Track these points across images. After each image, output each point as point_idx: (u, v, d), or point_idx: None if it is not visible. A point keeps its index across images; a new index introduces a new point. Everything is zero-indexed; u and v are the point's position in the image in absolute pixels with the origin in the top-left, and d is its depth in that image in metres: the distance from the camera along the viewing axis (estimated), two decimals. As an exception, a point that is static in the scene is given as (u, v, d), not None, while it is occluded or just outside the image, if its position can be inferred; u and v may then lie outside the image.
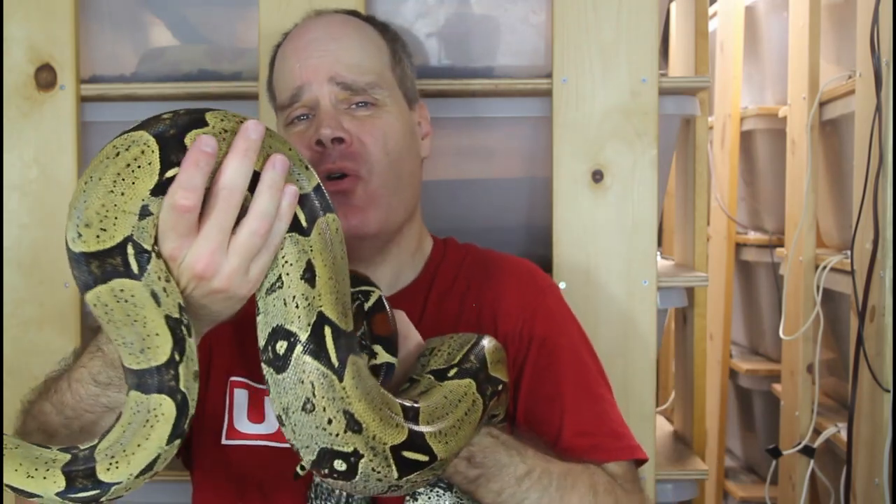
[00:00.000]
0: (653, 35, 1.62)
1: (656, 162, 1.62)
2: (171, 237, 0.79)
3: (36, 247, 1.62)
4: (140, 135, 0.78)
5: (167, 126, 0.78)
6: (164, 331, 0.78)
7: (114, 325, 0.78)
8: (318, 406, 0.82)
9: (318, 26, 1.23)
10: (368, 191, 1.16)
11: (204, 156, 0.77)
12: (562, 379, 1.18)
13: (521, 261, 1.31)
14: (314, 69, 1.18)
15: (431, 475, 0.91)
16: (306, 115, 1.19)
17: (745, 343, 3.26)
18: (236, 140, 0.79)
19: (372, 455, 0.84)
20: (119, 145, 0.78)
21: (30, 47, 1.61)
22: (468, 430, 0.93)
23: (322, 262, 0.82)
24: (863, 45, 2.02)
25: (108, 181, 0.77)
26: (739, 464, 3.27)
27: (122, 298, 0.77)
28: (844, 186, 2.32)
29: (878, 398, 1.99)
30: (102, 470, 0.77)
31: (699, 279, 1.76)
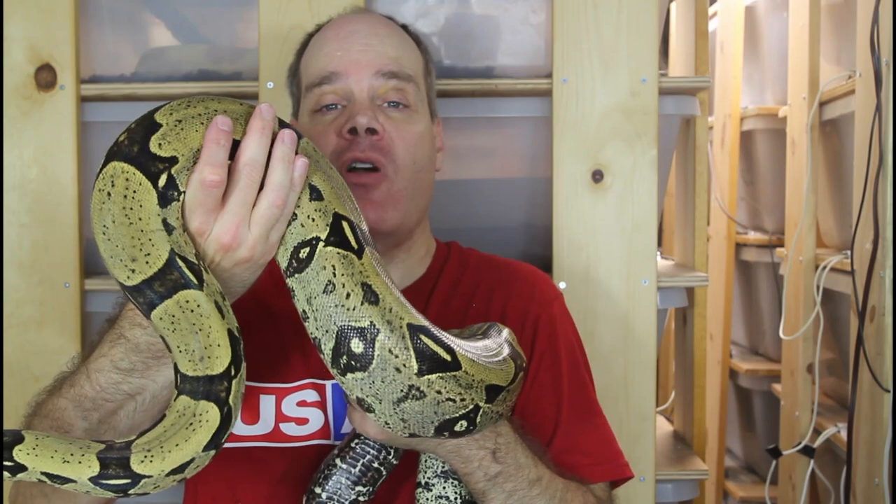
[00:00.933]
0: (653, 35, 1.62)
1: (656, 162, 1.62)
2: (199, 212, 0.84)
3: (36, 247, 1.62)
4: (113, 167, 0.82)
5: (128, 146, 0.83)
6: (226, 343, 0.82)
7: (179, 333, 0.81)
8: (337, 284, 0.85)
9: (361, 20, 1.23)
10: (392, 190, 1.16)
11: (222, 134, 0.83)
12: (560, 394, 1.18)
13: (530, 267, 1.32)
14: (356, 63, 1.17)
15: (452, 393, 0.87)
16: (336, 104, 1.18)
17: (745, 343, 3.26)
18: (252, 120, 0.85)
19: (389, 331, 0.84)
20: (105, 186, 0.82)
21: (30, 47, 1.61)
22: (499, 375, 0.91)
23: (319, 179, 0.88)
24: (863, 45, 2.02)
25: (122, 218, 0.81)
26: (739, 464, 3.27)
27: (187, 308, 0.81)
28: (844, 186, 2.32)
29: (878, 398, 1.99)
30: (136, 461, 0.79)
31: (699, 279, 1.76)
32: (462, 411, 0.89)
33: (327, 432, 1.13)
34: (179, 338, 0.81)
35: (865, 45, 1.99)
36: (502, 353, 0.96)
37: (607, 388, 1.62)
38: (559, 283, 1.62)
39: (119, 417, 0.95)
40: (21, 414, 1.07)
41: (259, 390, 1.15)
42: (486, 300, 1.24)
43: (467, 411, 0.90)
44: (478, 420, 0.92)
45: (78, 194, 1.62)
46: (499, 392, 0.92)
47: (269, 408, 1.15)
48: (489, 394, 0.90)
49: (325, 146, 1.16)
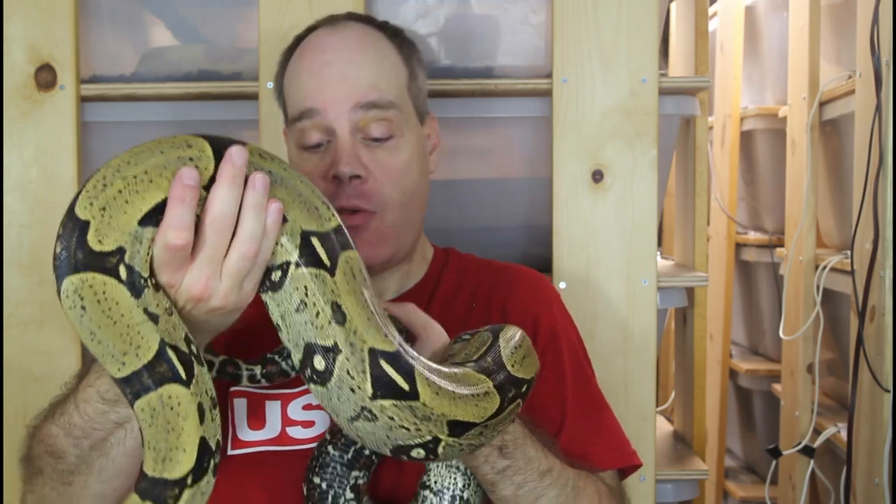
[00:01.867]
0: (653, 35, 1.62)
1: (656, 162, 1.62)
2: (167, 271, 0.81)
3: (36, 247, 1.62)
4: (70, 282, 0.79)
5: (71, 256, 0.79)
6: (193, 450, 0.78)
7: (154, 428, 0.79)
8: (309, 304, 0.84)
9: (333, 45, 1.20)
10: (381, 227, 1.16)
11: (188, 190, 0.78)
12: (565, 388, 1.19)
13: (528, 269, 1.32)
14: (332, 97, 1.16)
15: (406, 421, 0.86)
16: (320, 143, 1.18)
17: (745, 343, 3.26)
18: (222, 167, 0.80)
19: (350, 353, 0.84)
20: (74, 304, 0.80)
21: (30, 47, 1.61)
22: (469, 411, 0.89)
23: (283, 195, 0.85)
24: (863, 45, 2.02)
25: (105, 321, 0.79)
26: (739, 464, 3.27)
27: (167, 405, 0.79)
28: (844, 186, 2.32)
29: (878, 398, 1.99)
30: None
31: (699, 279, 1.76)
32: (417, 440, 0.87)
33: None
34: (153, 433, 0.78)
35: (865, 45, 1.99)
36: (487, 385, 0.92)
37: (607, 388, 1.61)
38: (559, 283, 1.62)
39: (110, 444, 0.95)
40: (21, 414, 1.08)
41: (265, 396, 1.15)
42: (487, 303, 1.24)
43: (424, 441, 0.88)
44: (439, 451, 0.89)
45: (78, 194, 1.61)
46: (468, 427, 0.89)
47: (275, 413, 1.15)
48: (453, 428, 0.88)
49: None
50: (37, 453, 1.00)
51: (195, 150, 0.81)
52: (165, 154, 0.80)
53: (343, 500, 1.04)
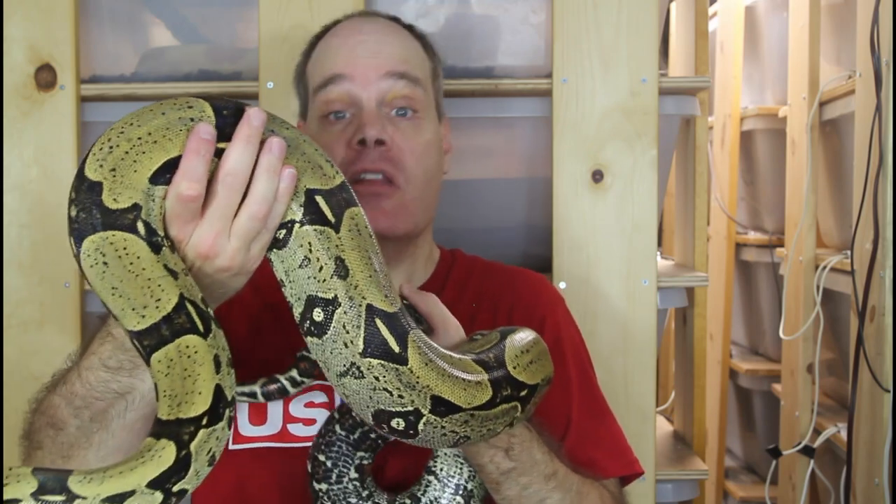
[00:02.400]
0: (653, 35, 1.62)
1: (656, 162, 1.62)
2: (177, 223, 0.82)
3: (36, 247, 1.62)
4: (92, 241, 0.82)
5: (89, 216, 0.83)
6: (208, 394, 0.79)
7: (170, 378, 0.79)
8: (312, 259, 0.85)
9: (367, 27, 1.22)
10: (404, 200, 1.17)
11: (203, 143, 0.80)
12: (570, 393, 1.19)
13: (533, 273, 1.32)
14: (363, 67, 1.17)
15: (390, 385, 0.86)
16: (343, 112, 1.18)
17: (745, 343, 3.26)
18: (239, 127, 0.81)
19: (348, 306, 0.85)
20: (96, 262, 0.81)
21: (30, 47, 1.61)
22: (456, 393, 0.88)
23: (291, 160, 0.86)
24: (863, 45, 2.02)
25: (127, 275, 0.81)
26: (739, 464, 3.27)
27: (185, 354, 0.80)
28: (844, 186, 2.32)
29: (878, 398, 1.99)
30: (75, 481, 0.75)
31: (699, 279, 1.76)
32: (399, 408, 0.87)
33: None
34: (168, 383, 0.79)
35: (865, 45, 1.99)
36: (482, 376, 0.92)
37: (607, 388, 1.61)
38: (559, 283, 1.62)
39: (110, 416, 0.95)
40: (22, 411, 1.08)
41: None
42: (493, 305, 1.24)
43: (405, 410, 0.87)
44: (420, 427, 0.88)
45: (78, 194, 1.61)
46: (453, 409, 0.89)
47: (276, 409, 1.15)
48: (436, 405, 0.88)
49: (334, 157, 1.14)
50: (37, 426, 1.00)
51: (196, 110, 0.82)
52: (167, 115, 0.82)
53: (347, 480, 1.05)
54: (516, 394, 0.94)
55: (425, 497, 1.06)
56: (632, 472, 1.19)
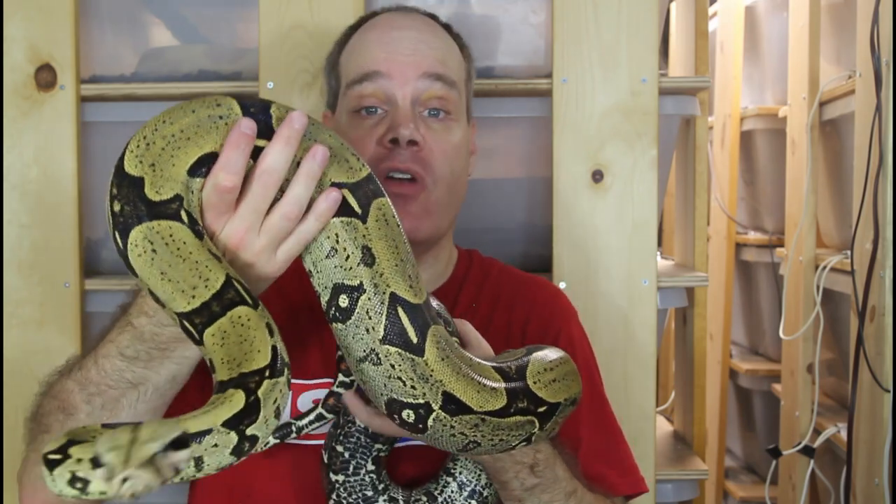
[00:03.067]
0: (653, 35, 1.62)
1: (656, 162, 1.62)
2: (212, 213, 0.84)
3: (36, 247, 1.62)
4: (139, 232, 0.83)
5: (134, 209, 0.83)
6: (266, 353, 0.81)
7: (226, 347, 0.82)
8: (339, 249, 0.87)
9: (406, 23, 1.22)
10: (429, 201, 1.17)
11: (244, 137, 0.82)
12: (580, 408, 1.18)
13: (546, 282, 1.33)
14: (400, 65, 1.17)
15: (404, 374, 0.88)
16: (376, 108, 1.18)
17: (745, 343, 3.26)
18: (281, 128, 0.84)
19: (372, 293, 0.87)
20: (144, 250, 0.83)
21: (30, 47, 1.61)
22: (468, 393, 0.89)
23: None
24: (863, 45, 2.02)
25: (175, 259, 0.84)
26: (739, 464, 3.27)
27: (238, 323, 0.82)
28: (844, 186, 2.32)
29: (878, 398, 1.99)
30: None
31: (699, 279, 1.76)
32: (410, 399, 0.88)
33: None
34: (224, 351, 0.81)
35: (865, 45, 1.99)
36: (499, 383, 0.92)
37: (607, 388, 1.61)
38: (559, 283, 1.62)
39: (121, 405, 0.96)
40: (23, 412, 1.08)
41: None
42: (508, 312, 1.24)
43: (416, 403, 0.88)
44: (429, 423, 0.89)
45: (78, 194, 1.61)
46: (464, 409, 0.89)
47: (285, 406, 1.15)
48: (447, 402, 0.88)
49: (363, 153, 1.13)
50: (47, 410, 1.00)
51: (224, 108, 0.85)
52: (197, 113, 0.85)
53: (364, 471, 1.05)
54: (534, 409, 0.94)
55: (441, 496, 1.06)
56: (638, 491, 1.20)
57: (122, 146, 0.85)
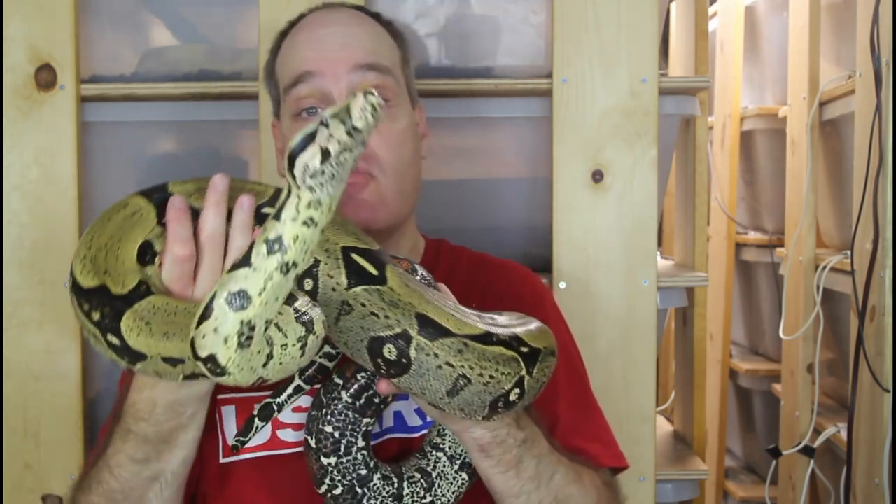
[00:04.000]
0: (653, 35, 1.62)
1: (656, 162, 1.62)
2: (177, 287, 0.90)
3: (36, 247, 1.62)
4: (130, 316, 0.89)
5: (110, 315, 0.89)
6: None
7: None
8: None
9: (332, 19, 1.22)
10: (380, 190, 1.17)
11: (180, 211, 0.89)
12: (557, 385, 1.18)
13: (518, 266, 1.32)
14: (331, 61, 1.17)
15: (375, 307, 0.90)
16: (315, 108, 1.18)
17: (745, 343, 3.26)
18: (207, 194, 0.90)
19: (326, 257, 0.92)
20: (136, 329, 0.89)
21: (30, 47, 1.61)
22: (442, 315, 0.90)
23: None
24: (863, 45, 2.02)
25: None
26: (739, 464, 3.27)
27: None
28: (844, 186, 2.32)
29: (878, 398, 1.99)
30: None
31: (699, 279, 1.76)
32: (388, 332, 0.89)
33: None
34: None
35: (865, 45, 1.99)
36: (475, 319, 0.93)
37: (607, 388, 1.62)
38: (559, 283, 1.62)
39: (148, 499, 1.02)
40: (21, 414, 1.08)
41: (254, 400, 1.15)
42: (481, 298, 1.23)
43: (393, 333, 0.89)
44: (411, 355, 0.89)
45: (78, 194, 1.61)
46: (442, 332, 0.89)
47: None
48: (423, 325, 0.89)
49: None
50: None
51: (132, 206, 0.93)
52: (114, 219, 0.93)
53: (356, 449, 1.02)
54: (516, 346, 0.94)
55: (435, 472, 1.05)
56: (620, 465, 1.19)
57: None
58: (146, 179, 1.76)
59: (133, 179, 1.74)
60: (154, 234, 0.92)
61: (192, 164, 1.73)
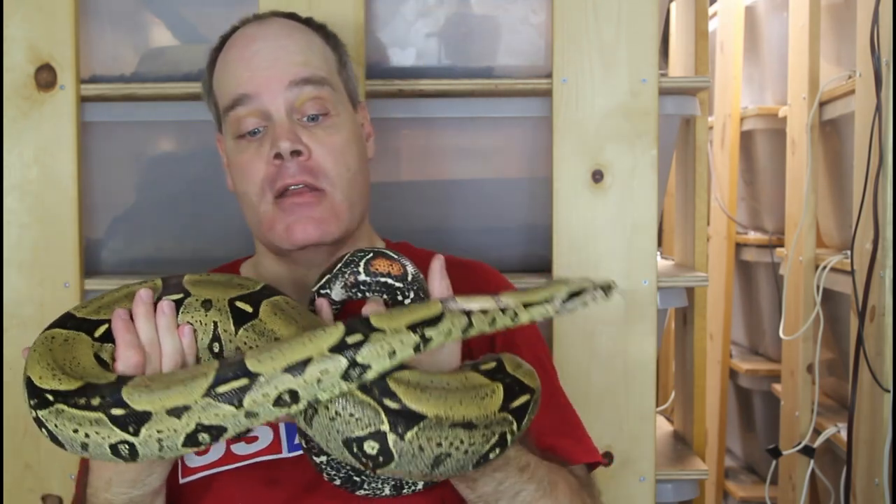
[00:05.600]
0: (653, 35, 1.62)
1: (656, 162, 1.62)
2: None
3: (36, 247, 1.62)
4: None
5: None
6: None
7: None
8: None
9: (262, 33, 1.21)
10: (332, 205, 1.18)
11: (121, 322, 0.96)
12: None
13: (483, 265, 1.32)
14: (265, 80, 1.17)
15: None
16: (257, 129, 1.18)
17: (745, 343, 3.26)
18: (135, 308, 0.98)
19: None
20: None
21: (30, 47, 1.61)
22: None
23: None
24: (863, 45, 2.02)
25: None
26: (739, 464, 3.27)
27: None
28: (844, 186, 2.32)
29: (878, 398, 1.99)
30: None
31: (699, 279, 1.76)
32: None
33: (278, 446, 1.13)
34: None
35: (865, 45, 1.99)
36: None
37: (607, 388, 1.62)
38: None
39: None
40: (21, 414, 1.08)
41: None
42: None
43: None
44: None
45: (78, 194, 1.61)
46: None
47: None
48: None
49: (254, 175, 1.18)
50: None
51: (57, 337, 1.02)
52: (53, 349, 1.03)
53: None
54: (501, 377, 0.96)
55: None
56: (593, 460, 1.18)
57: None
58: (146, 179, 1.77)
59: (133, 179, 1.74)
60: (96, 349, 0.98)
61: (192, 164, 1.73)
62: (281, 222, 1.17)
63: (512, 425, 0.93)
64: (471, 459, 0.92)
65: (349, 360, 0.86)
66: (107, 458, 0.91)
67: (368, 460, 0.89)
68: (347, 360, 0.86)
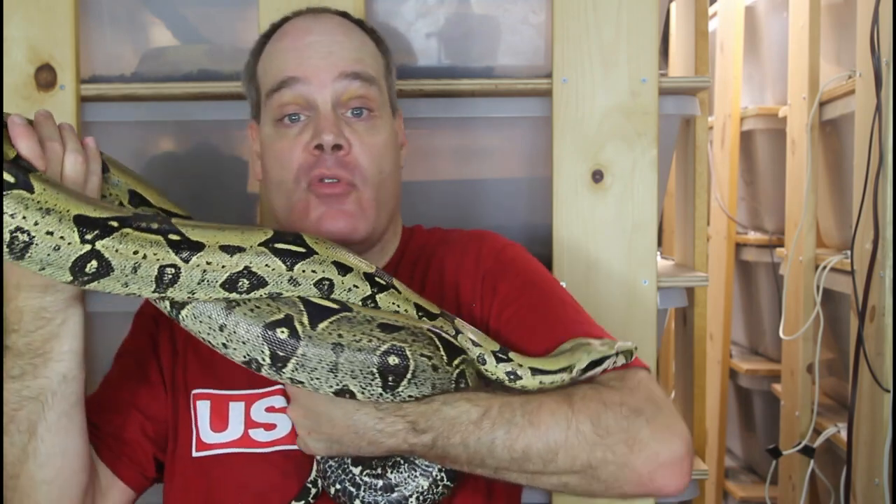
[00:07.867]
0: (653, 35, 1.62)
1: (656, 162, 1.62)
2: (79, 182, 1.03)
3: (36, 247, 1.62)
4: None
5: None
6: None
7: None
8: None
9: (317, 28, 1.22)
10: (361, 200, 1.18)
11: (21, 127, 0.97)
12: (509, 299, 1.18)
13: (478, 231, 1.32)
14: (316, 68, 1.17)
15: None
16: (298, 115, 1.19)
17: (745, 343, 3.26)
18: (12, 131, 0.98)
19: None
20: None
21: (30, 47, 1.61)
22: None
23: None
24: (863, 45, 2.02)
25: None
26: (739, 464, 3.27)
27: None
28: (844, 186, 2.32)
29: (878, 398, 1.99)
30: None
31: (699, 279, 1.76)
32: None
33: (294, 437, 1.13)
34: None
35: (865, 45, 1.99)
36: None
37: (607, 388, 1.61)
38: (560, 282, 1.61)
39: (33, 422, 1.02)
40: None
41: (228, 398, 1.16)
42: (439, 273, 1.24)
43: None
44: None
45: (78, 194, 1.61)
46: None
47: (238, 414, 1.16)
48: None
49: (291, 161, 1.18)
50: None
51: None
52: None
53: (339, 462, 1.09)
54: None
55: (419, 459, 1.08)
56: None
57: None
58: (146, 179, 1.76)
59: (133, 179, 1.74)
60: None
61: (192, 164, 1.73)
62: (315, 210, 1.17)
63: (438, 353, 1.02)
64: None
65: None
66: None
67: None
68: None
